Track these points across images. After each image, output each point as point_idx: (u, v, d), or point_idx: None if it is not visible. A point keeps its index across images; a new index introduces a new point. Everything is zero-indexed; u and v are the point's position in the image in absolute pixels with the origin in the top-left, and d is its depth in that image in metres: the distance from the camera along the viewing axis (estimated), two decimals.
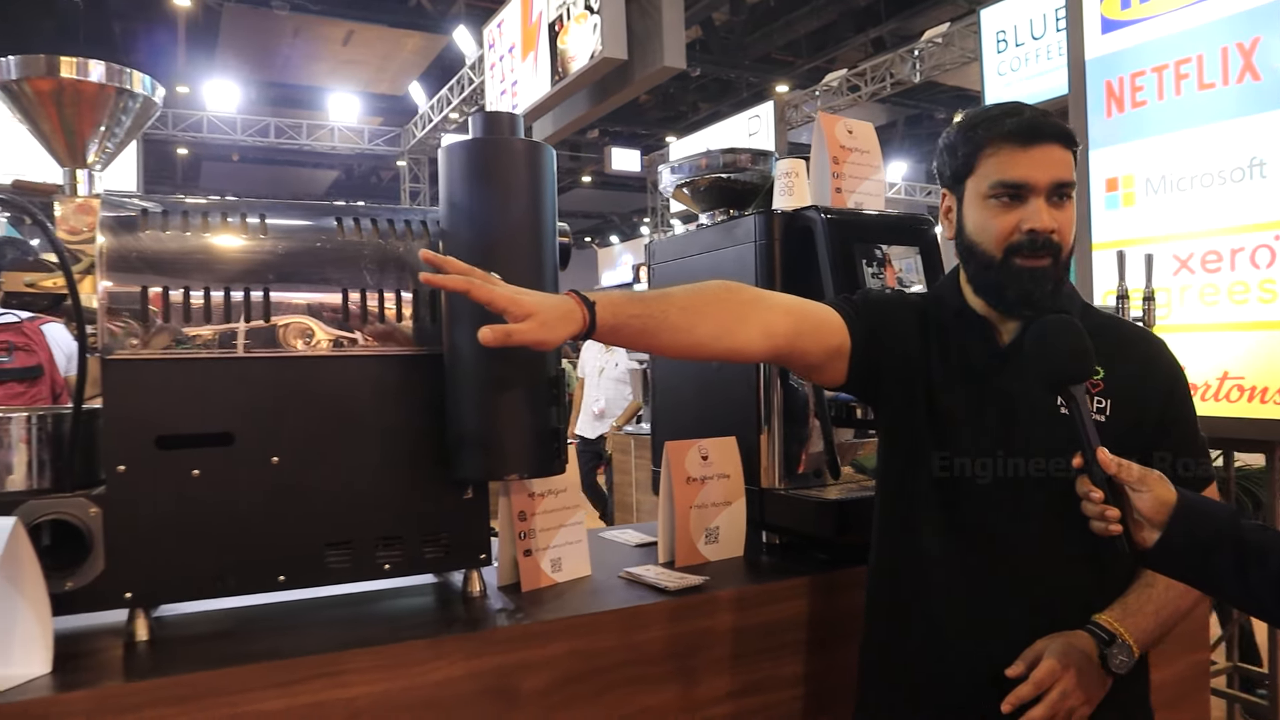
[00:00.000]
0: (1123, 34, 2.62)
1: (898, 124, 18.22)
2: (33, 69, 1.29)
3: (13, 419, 1.27)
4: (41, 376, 3.47)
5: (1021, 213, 1.22)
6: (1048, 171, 1.21)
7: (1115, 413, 1.25)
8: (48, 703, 1.08)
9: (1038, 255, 1.22)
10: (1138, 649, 1.20)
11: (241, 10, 12.94)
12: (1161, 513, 1.07)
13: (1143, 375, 1.29)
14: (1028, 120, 1.23)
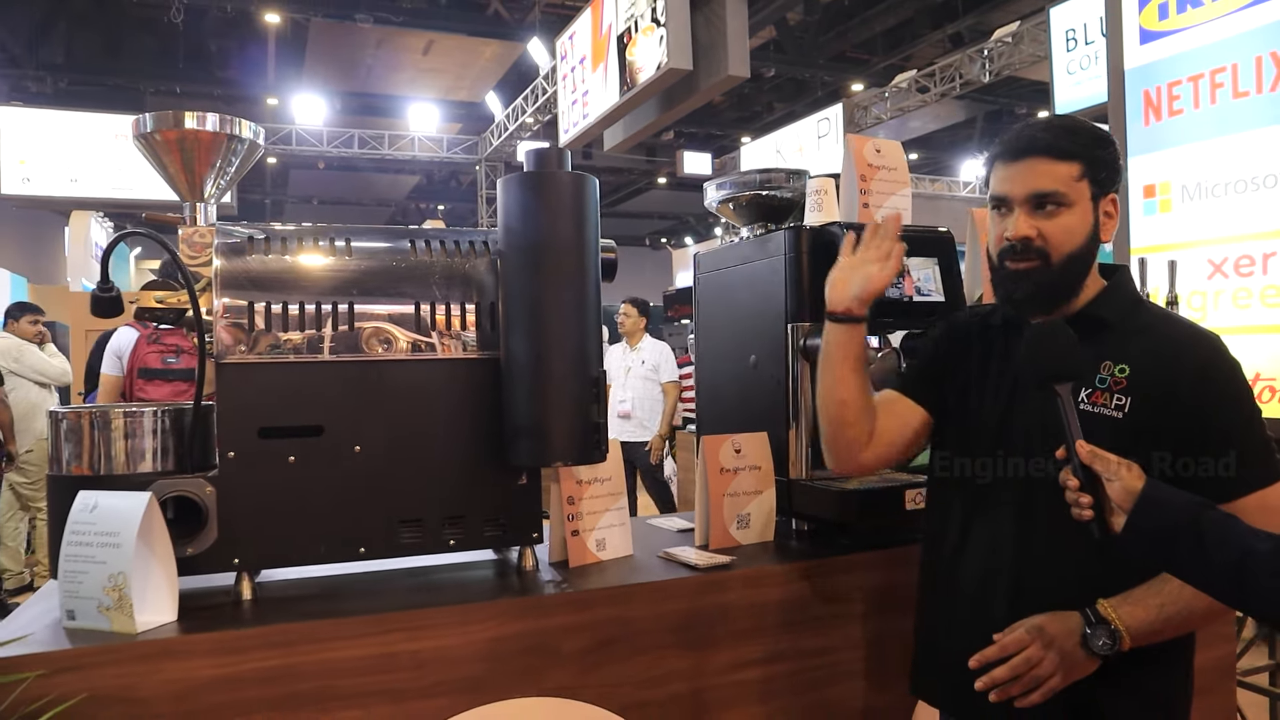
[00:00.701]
0: (1160, 44, 2.70)
1: (976, 120, 17.95)
2: (163, 123, 1.55)
3: (144, 412, 1.52)
4: None
5: (1006, 222, 1.37)
6: (1024, 184, 1.34)
7: (1134, 409, 1.30)
8: (178, 642, 1.32)
9: (1019, 259, 1.35)
10: (1128, 636, 1.24)
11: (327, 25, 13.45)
12: (1128, 500, 1.15)
13: (1173, 373, 1.30)
14: (1014, 136, 1.38)
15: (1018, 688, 1.28)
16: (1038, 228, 1.34)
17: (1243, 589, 1.09)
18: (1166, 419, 1.29)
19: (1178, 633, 1.29)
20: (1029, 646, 1.28)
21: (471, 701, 1.46)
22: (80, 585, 1.37)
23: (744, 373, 2.06)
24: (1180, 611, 1.26)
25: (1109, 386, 1.33)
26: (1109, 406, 1.32)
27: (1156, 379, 1.31)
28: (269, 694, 1.35)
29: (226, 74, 15.38)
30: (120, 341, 4.05)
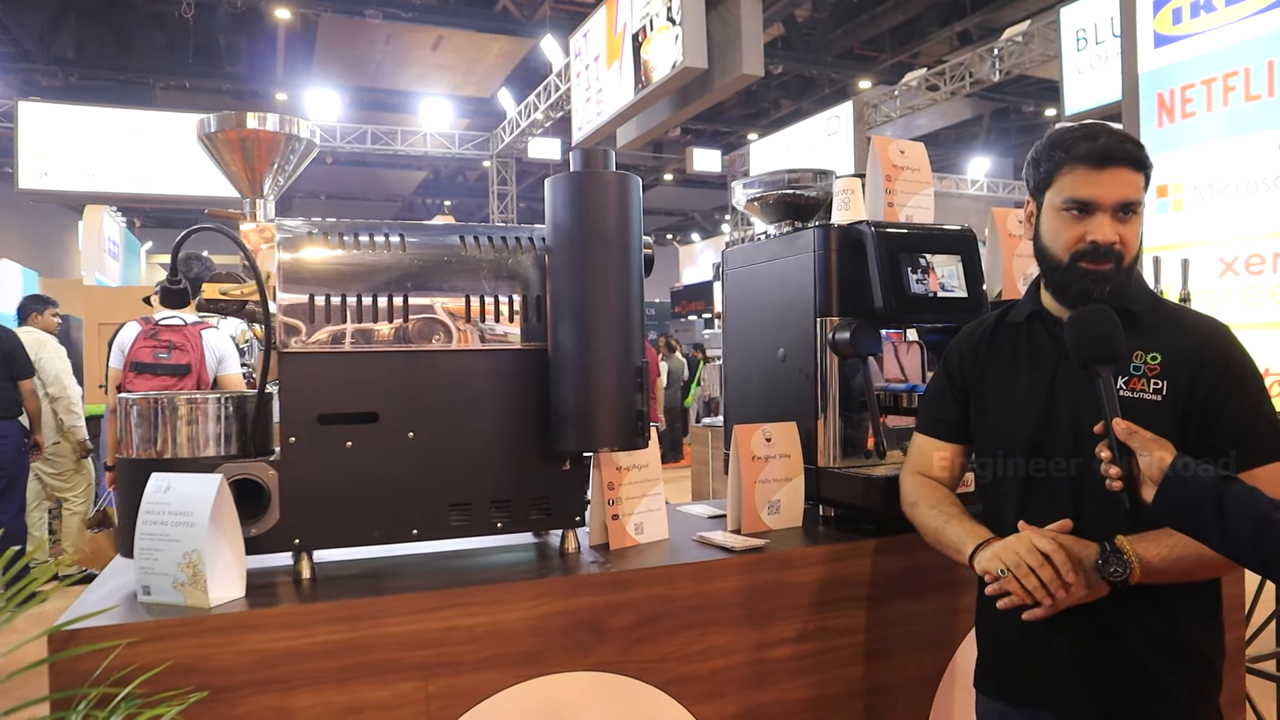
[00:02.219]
0: (1174, 48, 2.77)
1: (984, 118, 18.00)
2: (226, 124, 1.62)
3: (209, 399, 1.60)
4: (189, 374, 3.95)
5: (1087, 225, 1.44)
6: (1114, 192, 1.43)
7: (1171, 392, 1.42)
8: (251, 615, 1.40)
9: (1100, 261, 1.44)
10: (1139, 569, 1.35)
11: (337, 20, 13.53)
12: (1158, 473, 1.26)
13: (1198, 359, 1.42)
14: (1101, 146, 1.44)
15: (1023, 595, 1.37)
16: (1120, 233, 1.44)
17: (1261, 554, 1.18)
18: (1194, 400, 1.41)
19: (1186, 577, 1.39)
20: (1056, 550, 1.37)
21: (522, 675, 1.54)
22: (156, 562, 1.45)
23: (772, 365, 2.14)
24: (1189, 555, 1.35)
25: (1144, 373, 1.44)
26: (1148, 391, 1.43)
27: (1185, 364, 1.43)
28: (334, 665, 1.43)
29: (236, 69, 15.46)
30: (123, 336, 4.13)
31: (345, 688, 1.43)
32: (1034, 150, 1.54)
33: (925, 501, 1.63)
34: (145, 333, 4.07)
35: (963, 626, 1.89)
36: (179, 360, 4.03)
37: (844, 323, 1.94)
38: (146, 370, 4.01)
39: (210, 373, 4.11)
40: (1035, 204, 1.54)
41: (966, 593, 1.86)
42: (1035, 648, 1.49)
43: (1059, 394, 1.50)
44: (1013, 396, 1.56)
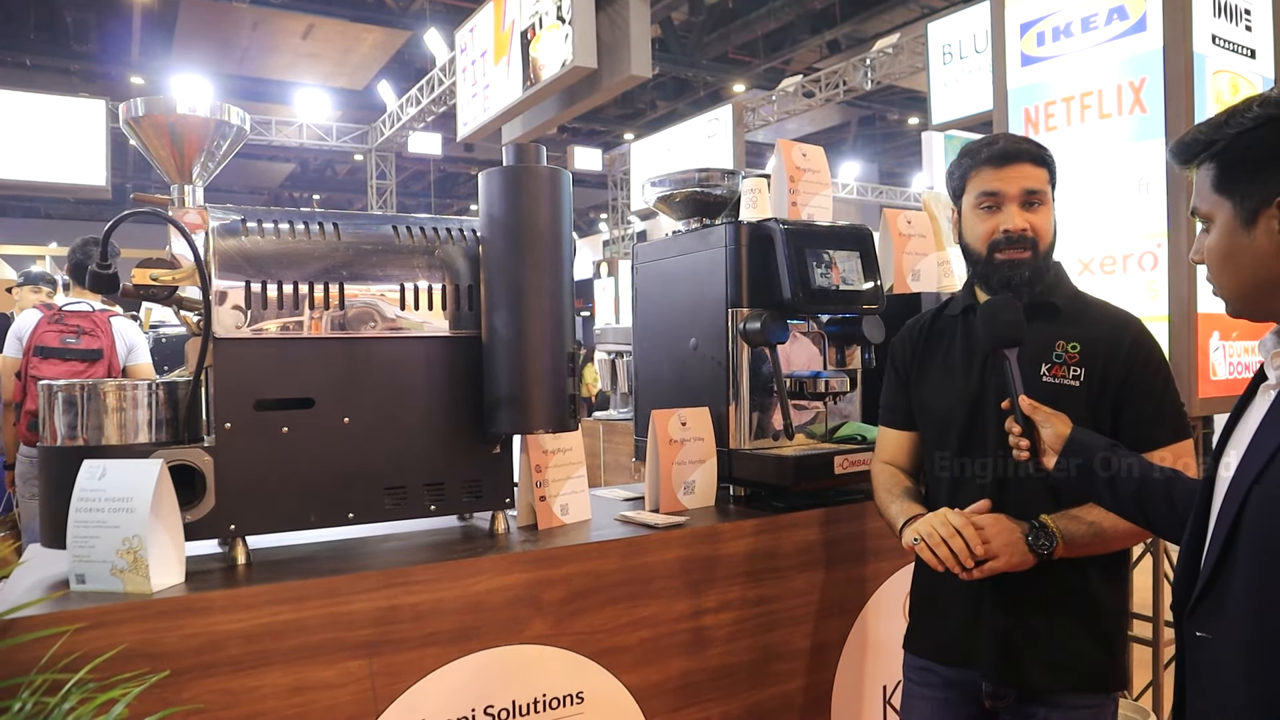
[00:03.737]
0: (1038, 68, 3.03)
1: (851, 124, 18.75)
2: (154, 108, 1.61)
3: (139, 386, 1.59)
4: (100, 359, 3.79)
5: (998, 217, 1.62)
6: (1017, 183, 1.61)
7: (1088, 378, 1.58)
8: (197, 599, 1.41)
9: (1014, 249, 1.61)
10: (1062, 542, 1.50)
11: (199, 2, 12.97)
12: (1058, 443, 1.42)
13: (1112, 348, 1.59)
14: (1001, 147, 1.64)
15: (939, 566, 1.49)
16: (1028, 220, 1.61)
17: (1143, 510, 1.35)
18: (1109, 385, 1.58)
19: (1104, 549, 1.56)
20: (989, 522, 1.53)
21: (463, 650, 1.59)
22: (92, 549, 1.43)
23: (684, 354, 2.25)
24: (1107, 529, 1.53)
25: (1065, 361, 1.60)
26: (1068, 377, 1.59)
27: (1101, 353, 1.59)
28: (280, 646, 1.45)
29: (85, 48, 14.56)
30: (22, 324, 3.96)
31: (291, 668, 1.46)
32: (950, 165, 1.73)
33: (881, 486, 1.78)
34: (49, 318, 3.93)
35: (867, 592, 2.05)
36: (89, 345, 3.88)
37: (754, 313, 2.07)
38: (54, 355, 3.85)
39: (120, 360, 3.96)
40: (957, 210, 1.72)
41: (871, 562, 2.03)
42: (963, 611, 1.64)
43: (989, 382, 1.64)
44: (947, 384, 1.71)
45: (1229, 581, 1.04)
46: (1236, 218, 1.08)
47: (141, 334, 4.14)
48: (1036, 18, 3.00)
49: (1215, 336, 2.77)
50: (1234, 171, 1.08)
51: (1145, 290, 2.76)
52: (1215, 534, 1.08)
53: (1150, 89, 2.71)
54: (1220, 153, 1.10)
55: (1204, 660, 1.09)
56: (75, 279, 4.15)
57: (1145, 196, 2.74)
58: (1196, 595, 1.09)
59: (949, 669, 1.69)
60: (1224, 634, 1.05)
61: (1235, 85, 2.84)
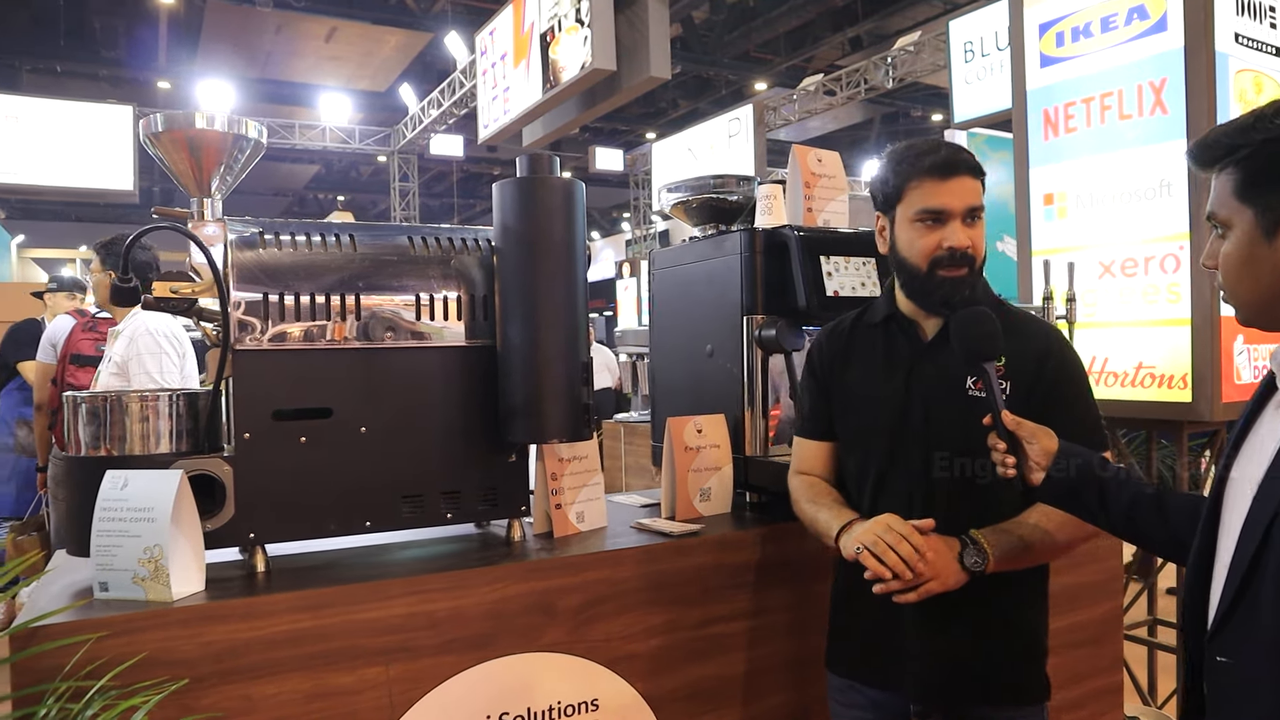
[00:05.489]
0: (1057, 69, 3.01)
1: (874, 122, 18.67)
2: (173, 123, 1.64)
3: (160, 396, 1.62)
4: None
5: (942, 233, 1.55)
6: (962, 199, 1.55)
7: (1014, 392, 1.56)
8: (216, 607, 1.43)
9: (956, 266, 1.55)
10: (993, 557, 1.49)
11: (224, 7, 13.09)
12: (1046, 459, 1.39)
13: (1036, 360, 1.58)
14: (944, 158, 1.55)
15: (899, 584, 1.46)
16: (970, 237, 1.56)
17: (1135, 526, 1.34)
18: (1034, 397, 1.56)
19: (1030, 562, 1.56)
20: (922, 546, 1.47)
21: (480, 657, 1.61)
22: (114, 558, 1.46)
23: (700, 361, 2.25)
24: (1037, 542, 1.53)
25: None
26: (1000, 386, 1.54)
27: (1027, 367, 1.57)
28: (299, 653, 1.47)
29: (113, 54, 14.76)
30: (56, 330, 4.04)
31: (310, 675, 1.48)
32: (878, 169, 1.65)
33: (804, 497, 1.73)
34: (82, 325, 4.02)
35: None
36: None
37: (769, 320, 2.07)
38: (89, 363, 3.95)
39: None
40: (886, 219, 1.63)
41: None
42: (884, 631, 1.62)
43: (914, 392, 1.61)
44: (870, 395, 1.67)
45: (1254, 610, 1.01)
46: (1258, 227, 1.05)
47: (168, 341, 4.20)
48: (1056, 18, 2.98)
49: (1239, 340, 2.74)
50: (1259, 180, 1.05)
51: (1166, 293, 2.73)
52: (1236, 561, 1.05)
53: (1171, 89, 2.68)
54: (1245, 159, 1.06)
55: (1226, 684, 1.07)
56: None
57: (1167, 198, 2.72)
58: (1217, 621, 1.07)
59: (873, 690, 1.68)
60: (1251, 661, 1.02)
61: (1260, 84, 2.80)
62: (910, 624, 1.59)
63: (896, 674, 1.63)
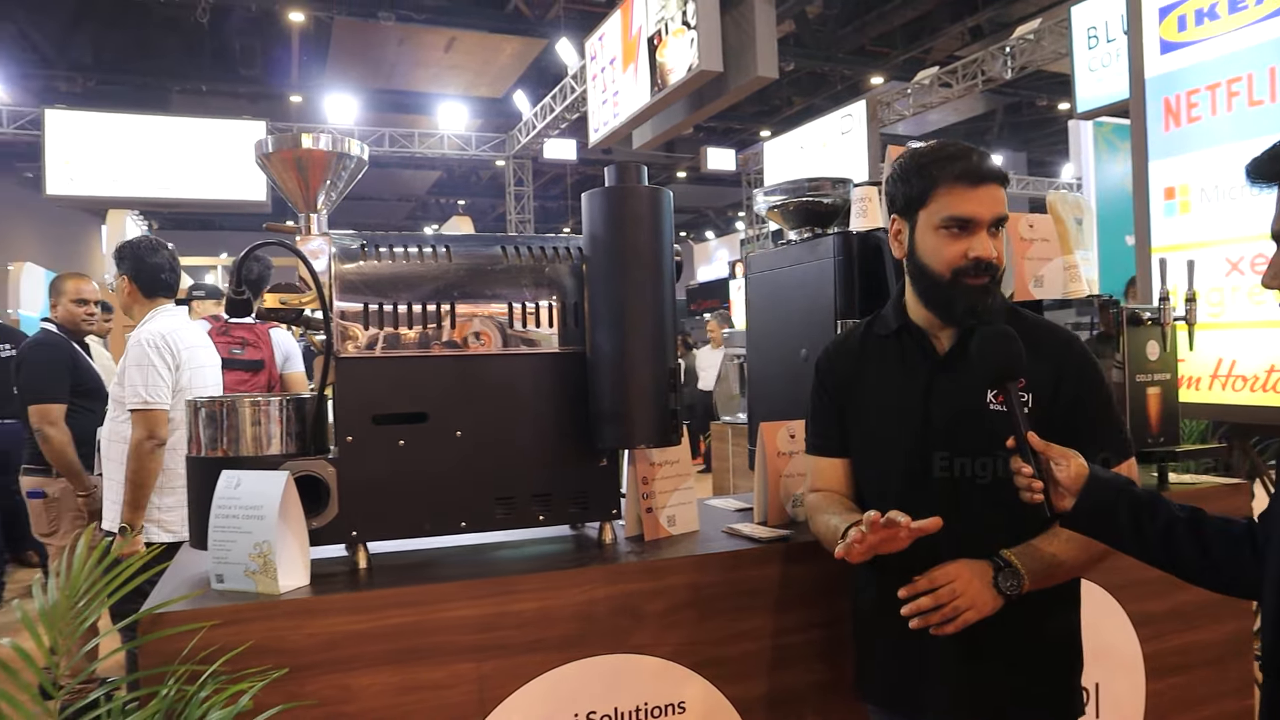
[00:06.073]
0: (1179, 55, 2.85)
1: (996, 113, 18.04)
2: (283, 144, 1.74)
3: (273, 401, 1.72)
4: (262, 369, 4.13)
5: (968, 242, 1.49)
6: (990, 209, 1.50)
7: (1035, 404, 1.50)
8: (318, 601, 1.52)
9: (979, 276, 1.50)
10: (1028, 578, 1.45)
11: (350, 23, 13.66)
12: (1076, 483, 1.32)
13: (1056, 370, 1.53)
14: (974, 165, 1.50)
15: (937, 617, 1.44)
16: (996, 248, 1.52)
17: (1170, 554, 1.28)
18: (1057, 409, 1.51)
19: (1066, 577, 1.54)
20: (953, 581, 1.45)
21: (567, 656, 1.65)
22: (229, 552, 1.57)
23: (794, 365, 2.24)
24: (1070, 560, 1.49)
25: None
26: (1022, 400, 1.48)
27: (1048, 377, 1.52)
28: (394, 647, 1.54)
29: (252, 72, 15.61)
30: None
31: (404, 668, 1.55)
32: (898, 170, 1.57)
33: (817, 510, 1.67)
34: (217, 329, 4.25)
35: None
36: (252, 356, 4.21)
37: None
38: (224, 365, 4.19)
39: (278, 369, 4.28)
40: (906, 223, 1.58)
41: None
42: (910, 658, 1.57)
43: (932, 407, 1.56)
44: (887, 410, 1.62)
45: None
46: None
47: (296, 344, 4.43)
48: (1177, 1, 2.83)
49: None
50: None
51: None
52: None
53: None
54: None
55: None
56: None
57: None
58: None
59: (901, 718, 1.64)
60: None
61: None
62: (933, 650, 1.53)
63: (923, 702, 1.58)
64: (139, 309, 3.37)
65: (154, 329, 3.22)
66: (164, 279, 3.39)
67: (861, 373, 1.67)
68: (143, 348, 3.16)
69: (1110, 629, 2.12)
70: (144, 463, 3.12)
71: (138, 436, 3.11)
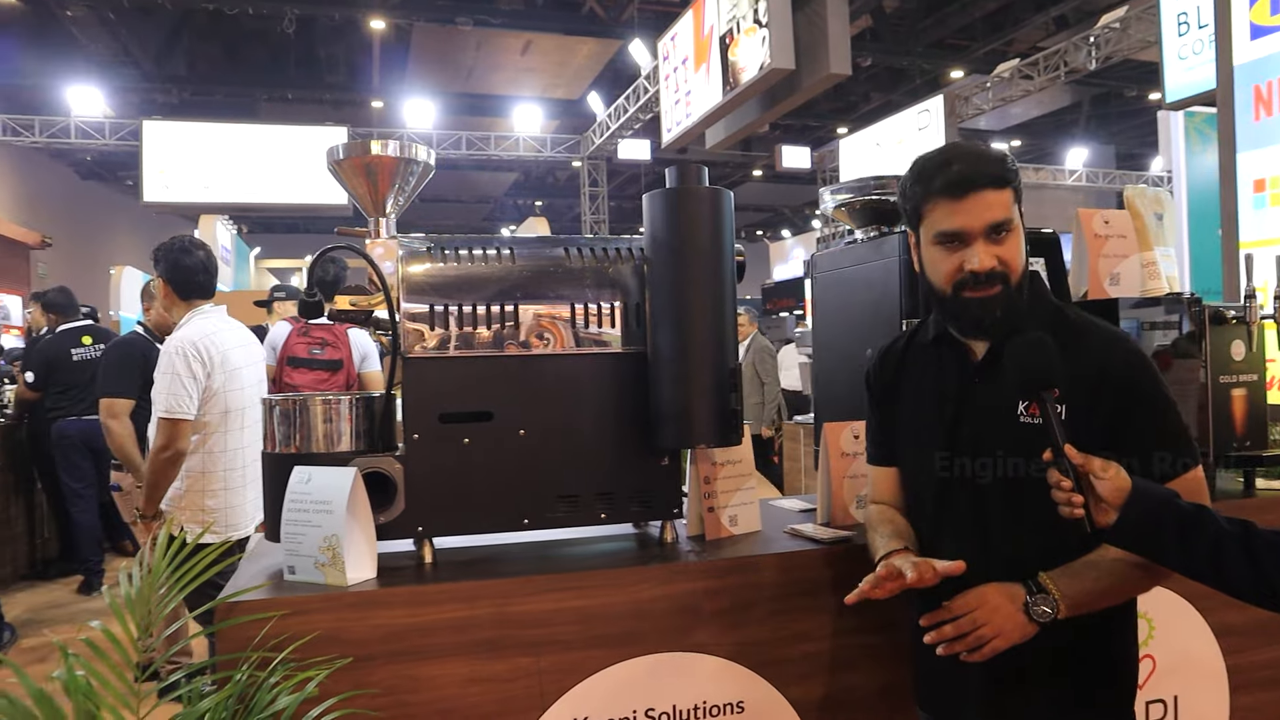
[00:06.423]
0: (1271, 39, 2.73)
1: (1082, 104, 17.48)
2: (353, 151, 1.79)
3: (343, 400, 1.77)
4: (341, 369, 4.27)
5: (964, 255, 1.43)
6: (980, 218, 1.41)
7: (1070, 414, 1.39)
8: (383, 594, 1.56)
9: (983, 288, 1.43)
10: (1065, 605, 1.37)
11: (430, 28, 13.95)
12: (1119, 497, 1.26)
13: (1097, 376, 1.42)
14: (955, 175, 1.42)
15: (962, 645, 1.40)
16: (996, 254, 1.42)
17: (1220, 572, 1.22)
18: (1096, 418, 1.40)
19: (1109, 603, 1.43)
20: (975, 610, 1.40)
21: (626, 653, 1.66)
22: (300, 545, 1.62)
23: (859, 365, 2.21)
24: (1113, 585, 1.40)
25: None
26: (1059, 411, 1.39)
27: (1085, 385, 1.41)
28: (456, 640, 1.58)
29: (335, 79, 16.08)
30: (275, 335, 4.49)
31: (467, 660, 1.58)
32: (902, 183, 1.53)
33: (870, 526, 1.66)
34: (298, 330, 4.43)
35: None
36: (331, 356, 4.37)
37: None
38: (302, 365, 4.36)
39: (356, 368, 4.43)
40: (915, 236, 1.53)
41: None
42: (949, 672, 1.51)
43: (965, 418, 1.51)
44: (922, 420, 1.58)
45: None
46: None
47: (373, 344, 4.56)
48: None
49: None
50: None
51: None
52: None
53: None
54: None
55: None
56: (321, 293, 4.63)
57: None
58: None
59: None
60: None
61: None
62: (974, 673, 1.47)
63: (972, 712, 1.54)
64: (177, 310, 3.34)
65: (186, 335, 3.18)
66: (199, 281, 3.33)
67: (902, 381, 1.65)
68: (170, 356, 3.13)
69: (1190, 639, 2.04)
70: (156, 468, 3.11)
71: (157, 444, 3.11)
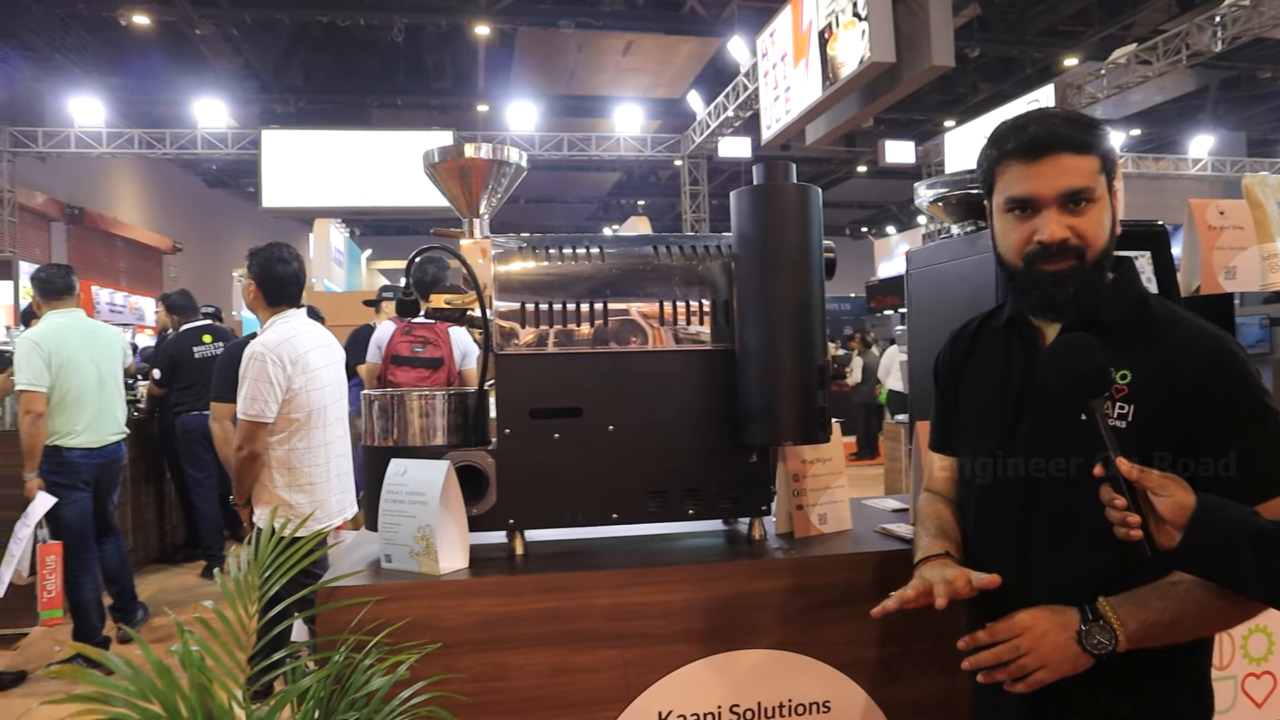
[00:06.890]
0: None
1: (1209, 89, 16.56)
2: (447, 155, 1.85)
3: (438, 395, 1.83)
4: (442, 366, 4.43)
5: (1035, 224, 1.32)
6: (1054, 183, 1.29)
7: (1139, 417, 1.27)
8: (474, 583, 1.61)
9: (1055, 260, 1.31)
10: (1125, 637, 1.22)
11: (533, 32, 14.18)
12: (1182, 515, 1.12)
13: (1178, 377, 1.27)
14: (1030, 136, 1.32)
15: (1003, 674, 1.27)
16: (1071, 226, 1.31)
17: None
18: (1171, 425, 1.26)
19: (1182, 638, 1.25)
20: (1018, 637, 1.27)
21: (711, 649, 1.67)
22: (396, 534, 1.69)
23: None
24: (1186, 616, 1.22)
25: (1110, 395, 1.29)
26: (1112, 416, 1.29)
27: (1160, 384, 1.28)
28: (544, 630, 1.62)
29: (442, 85, 16.51)
30: (380, 334, 4.67)
31: (554, 650, 1.62)
32: (979, 152, 1.43)
33: (918, 519, 1.59)
34: (401, 329, 4.62)
35: None
36: (433, 354, 4.54)
37: None
38: (405, 363, 4.53)
39: (457, 367, 4.58)
40: (989, 207, 1.44)
41: None
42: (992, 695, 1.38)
43: (1024, 409, 1.40)
44: (981, 410, 1.48)
45: None
46: None
47: (473, 342, 4.68)
48: None
49: None
50: None
51: None
52: None
53: None
54: None
55: None
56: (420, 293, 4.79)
57: None
58: None
59: None
60: None
61: None
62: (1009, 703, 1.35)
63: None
64: (263, 313, 3.37)
65: (268, 340, 3.20)
66: (289, 290, 3.37)
67: (968, 365, 1.55)
68: (250, 361, 3.16)
69: None
70: (237, 465, 3.17)
71: (235, 442, 3.18)
